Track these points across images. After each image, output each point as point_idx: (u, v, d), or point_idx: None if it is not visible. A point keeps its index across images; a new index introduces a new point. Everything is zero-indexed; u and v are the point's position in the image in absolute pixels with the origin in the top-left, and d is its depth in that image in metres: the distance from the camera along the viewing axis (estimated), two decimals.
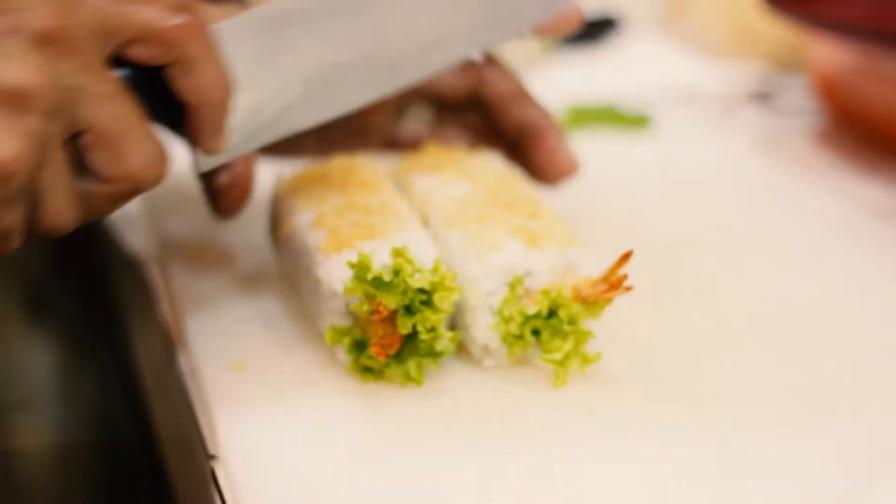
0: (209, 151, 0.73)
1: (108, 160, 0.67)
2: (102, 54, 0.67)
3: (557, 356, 0.72)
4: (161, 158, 0.69)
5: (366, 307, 0.71)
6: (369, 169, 0.83)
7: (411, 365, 0.72)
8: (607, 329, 0.76)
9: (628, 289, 0.72)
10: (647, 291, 0.82)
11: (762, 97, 1.24)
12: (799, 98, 1.23)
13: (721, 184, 1.08)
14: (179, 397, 0.79)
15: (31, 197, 0.65)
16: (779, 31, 1.26)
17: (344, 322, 0.74)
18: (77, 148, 0.67)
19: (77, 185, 0.67)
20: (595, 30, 1.43)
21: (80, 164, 0.67)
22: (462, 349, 0.76)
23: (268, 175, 0.88)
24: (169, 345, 0.82)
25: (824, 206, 1.03)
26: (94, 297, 1.50)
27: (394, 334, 0.72)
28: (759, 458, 0.69)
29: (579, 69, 1.36)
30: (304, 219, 0.78)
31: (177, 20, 0.68)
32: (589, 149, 1.13)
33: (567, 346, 0.72)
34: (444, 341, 0.72)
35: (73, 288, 1.53)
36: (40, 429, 1.52)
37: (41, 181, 0.65)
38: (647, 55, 1.39)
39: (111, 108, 0.66)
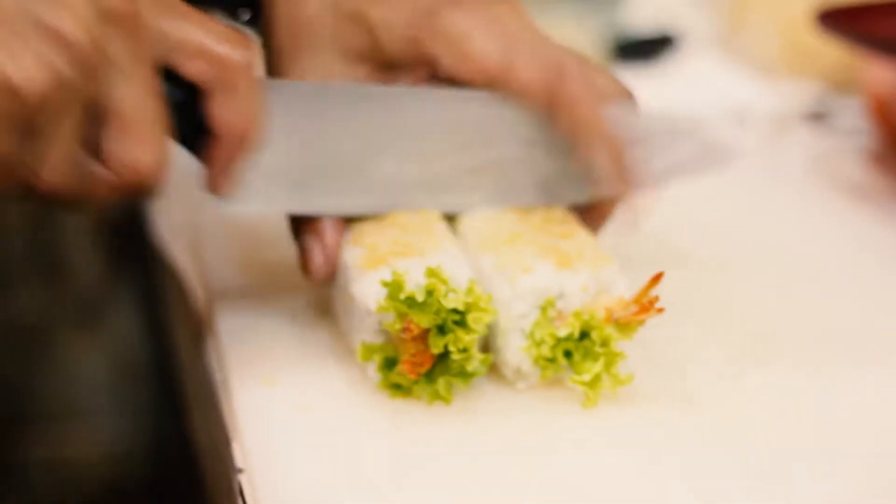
0: (214, 190, 0.75)
1: (118, 144, 0.68)
2: (154, 54, 0.69)
3: (587, 377, 0.72)
4: (163, 165, 0.70)
5: (398, 325, 0.71)
6: None
7: (441, 383, 0.72)
8: (641, 350, 0.75)
9: (660, 311, 0.71)
10: (684, 312, 0.82)
11: (817, 117, 1.23)
12: (854, 119, 1.21)
13: (769, 204, 1.07)
14: (213, 410, 0.79)
15: (33, 138, 0.66)
16: (835, 51, 1.25)
17: (377, 340, 0.73)
18: (93, 127, 0.68)
19: (81, 157, 0.68)
20: (651, 47, 1.43)
21: (90, 143, 0.69)
22: (495, 370, 0.76)
23: None
24: (204, 357, 0.83)
25: (873, 228, 1.01)
26: (147, 309, 1.51)
27: (426, 353, 0.71)
28: (788, 481, 0.68)
29: (632, 86, 1.35)
30: (344, 235, 0.79)
31: (237, 52, 0.71)
32: None
33: (597, 367, 0.72)
34: (476, 362, 0.72)
35: (127, 299, 1.55)
36: (92, 438, 1.53)
37: (48, 127, 0.66)
38: (703, 73, 1.38)
39: (139, 97, 0.68)
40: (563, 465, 0.69)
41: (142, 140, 0.69)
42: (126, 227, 1.46)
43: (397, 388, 0.73)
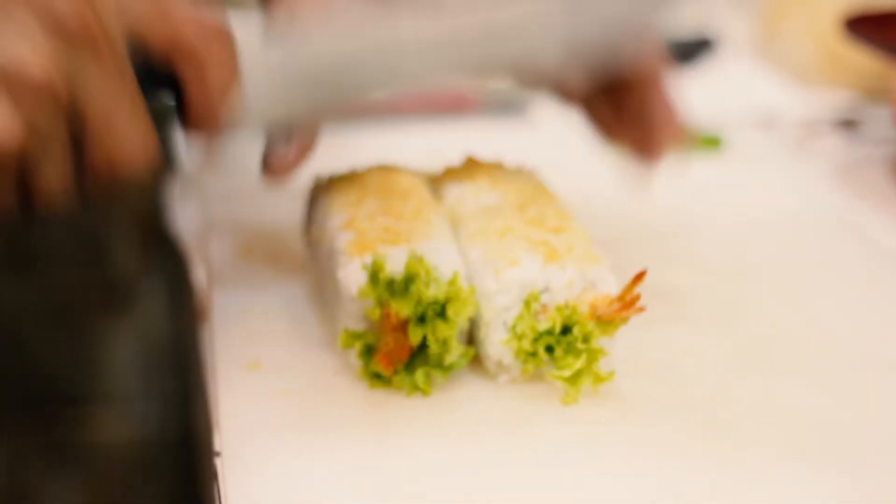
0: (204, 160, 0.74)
1: (102, 143, 0.68)
2: (123, 31, 0.69)
3: (567, 373, 0.71)
4: (150, 147, 0.69)
5: (377, 312, 0.71)
6: (407, 175, 0.83)
7: (419, 375, 0.72)
8: (630, 351, 0.75)
9: (640, 309, 0.71)
10: (682, 315, 0.82)
11: (848, 125, 1.21)
12: (885, 128, 1.19)
13: (789, 211, 1.05)
14: (200, 394, 0.80)
15: (25, 172, 0.66)
16: (868, 59, 1.23)
17: (359, 327, 0.73)
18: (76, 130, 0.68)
19: (74, 164, 0.68)
20: (689, 49, 1.41)
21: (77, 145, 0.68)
22: (478, 363, 0.75)
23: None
24: (198, 341, 0.83)
25: (894, 239, 1.00)
26: (178, 294, 1.52)
27: (404, 346, 0.71)
28: (773, 486, 0.67)
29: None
30: (336, 220, 0.79)
31: (212, 53, 0.71)
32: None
33: (578, 363, 0.71)
34: (455, 355, 0.72)
35: (159, 285, 1.55)
36: (122, 423, 1.54)
37: (34, 160, 0.66)
38: (737, 78, 1.37)
39: (114, 95, 0.67)
40: (538, 461, 0.68)
41: (124, 132, 0.68)
42: (157, 215, 1.47)
43: (377, 378, 0.73)
